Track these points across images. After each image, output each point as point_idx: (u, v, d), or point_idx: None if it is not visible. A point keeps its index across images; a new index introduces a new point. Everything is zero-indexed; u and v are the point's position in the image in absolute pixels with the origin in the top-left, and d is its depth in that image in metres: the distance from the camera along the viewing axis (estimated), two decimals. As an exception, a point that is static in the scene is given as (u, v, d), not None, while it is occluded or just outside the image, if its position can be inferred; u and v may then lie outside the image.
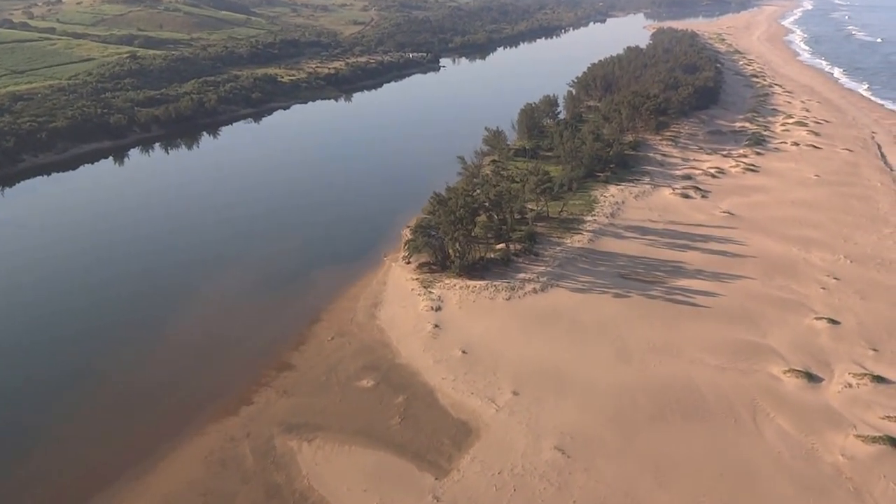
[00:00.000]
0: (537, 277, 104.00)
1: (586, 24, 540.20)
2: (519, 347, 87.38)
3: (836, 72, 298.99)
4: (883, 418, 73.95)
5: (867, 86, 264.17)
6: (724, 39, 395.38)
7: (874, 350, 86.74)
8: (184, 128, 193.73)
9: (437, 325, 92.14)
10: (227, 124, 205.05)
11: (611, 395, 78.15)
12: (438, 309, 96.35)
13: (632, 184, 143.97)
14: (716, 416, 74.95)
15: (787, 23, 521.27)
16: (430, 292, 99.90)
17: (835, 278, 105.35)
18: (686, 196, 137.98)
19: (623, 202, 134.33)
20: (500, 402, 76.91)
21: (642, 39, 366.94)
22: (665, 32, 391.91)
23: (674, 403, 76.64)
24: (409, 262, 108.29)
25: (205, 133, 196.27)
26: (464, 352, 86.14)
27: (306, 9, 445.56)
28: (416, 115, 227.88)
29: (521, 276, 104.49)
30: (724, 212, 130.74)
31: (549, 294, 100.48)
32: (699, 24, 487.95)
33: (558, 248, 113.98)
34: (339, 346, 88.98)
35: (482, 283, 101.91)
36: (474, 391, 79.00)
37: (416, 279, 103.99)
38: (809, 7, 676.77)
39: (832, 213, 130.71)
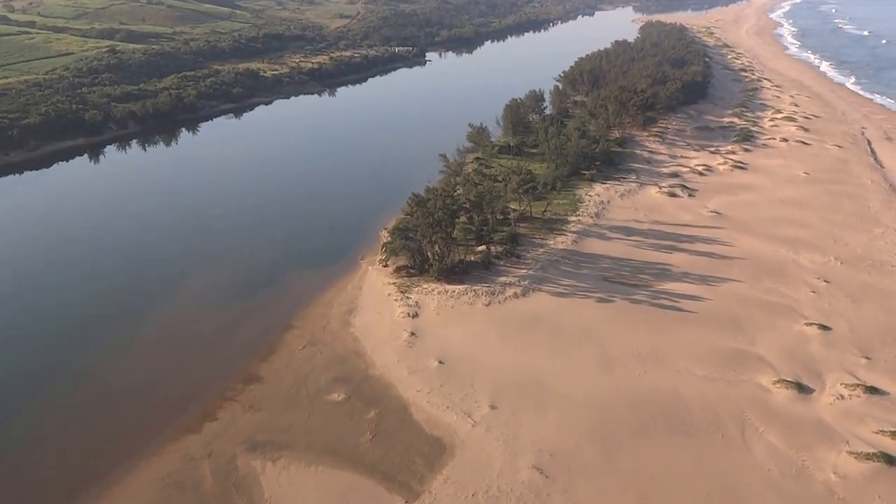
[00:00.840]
0: (518, 281, 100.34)
1: (575, 18, 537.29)
2: (498, 356, 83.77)
3: (825, 66, 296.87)
4: (877, 433, 70.77)
5: (855, 79, 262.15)
6: (712, 33, 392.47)
7: (867, 358, 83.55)
8: (162, 124, 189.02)
9: (413, 333, 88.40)
10: (206, 120, 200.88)
11: (592, 408, 74.65)
12: (415, 315, 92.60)
13: (618, 182, 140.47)
14: (702, 430, 71.55)
15: (775, 16, 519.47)
16: (408, 298, 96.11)
17: (825, 281, 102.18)
18: (673, 195, 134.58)
19: (608, 201, 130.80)
20: (476, 417, 73.29)
21: (630, 33, 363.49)
22: (653, 26, 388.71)
23: (658, 417, 73.20)
24: (386, 266, 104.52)
25: (184, 129, 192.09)
26: (440, 362, 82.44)
27: (292, 2, 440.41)
28: (401, 111, 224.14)
29: (502, 279, 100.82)
30: (711, 211, 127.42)
31: (530, 299, 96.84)
32: (688, 18, 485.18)
33: (541, 250, 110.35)
34: (311, 356, 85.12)
35: (461, 287, 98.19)
36: (450, 405, 75.35)
37: (394, 283, 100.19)
38: (798, 0, 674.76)
39: (822, 213, 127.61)
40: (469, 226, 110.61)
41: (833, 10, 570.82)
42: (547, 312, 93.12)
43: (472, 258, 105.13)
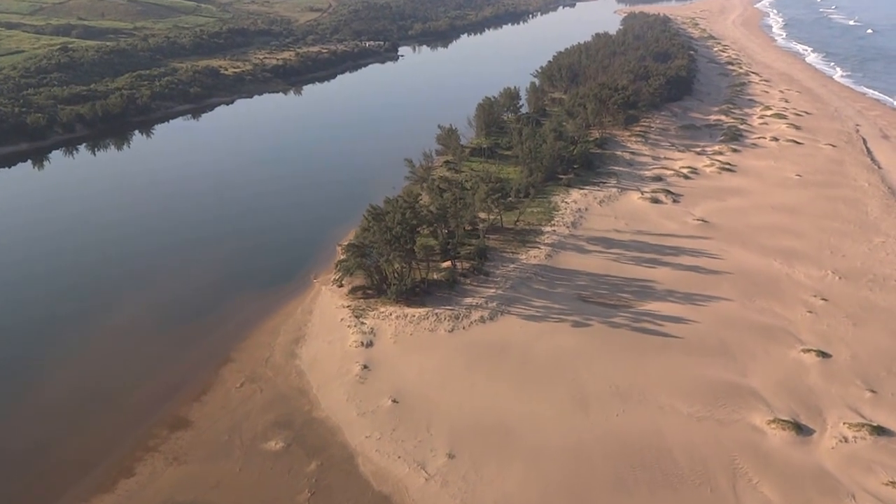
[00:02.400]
0: (486, 303, 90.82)
1: (555, 9, 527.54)
2: (459, 394, 74.35)
3: (815, 58, 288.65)
4: (887, 484, 61.89)
5: (849, 73, 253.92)
6: (697, 24, 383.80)
7: (872, 391, 74.66)
8: (113, 127, 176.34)
9: (365, 366, 78.83)
10: (162, 122, 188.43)
11: (564, 458, 65.34)
12: (370, 344, 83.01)
13: (597, 187, 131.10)
14: (688, 483, 62.42)
15: (762, 5, 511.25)
16: (362, 323, 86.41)
17: (822, 299, 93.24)
18: (656, 201, 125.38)
19: (586, 209, 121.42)
20: (431, 469, 63.87)
21: (612, 24, 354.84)
22: (636, 17, 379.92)
23: (639, 469, 63.96)
24: (341, 286, 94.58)
25: (136, 132, 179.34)
26: (394, 401, 72.93)
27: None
28: (370, 110, 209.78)
29: (468, 301, 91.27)
30: (697, 219, 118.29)
31: (498, 323, 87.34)
32: (672, 8, 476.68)
33: (512, 265, 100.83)
34: (249, 396, 75.37)
35: (422, 310, 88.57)
36: (402, 454, 65.88)
37: (348, 307, 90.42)
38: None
39: (817, 220, 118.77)
40: (431, 243, 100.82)
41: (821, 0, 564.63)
42: (516, 340, 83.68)
43: (436, 276, 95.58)
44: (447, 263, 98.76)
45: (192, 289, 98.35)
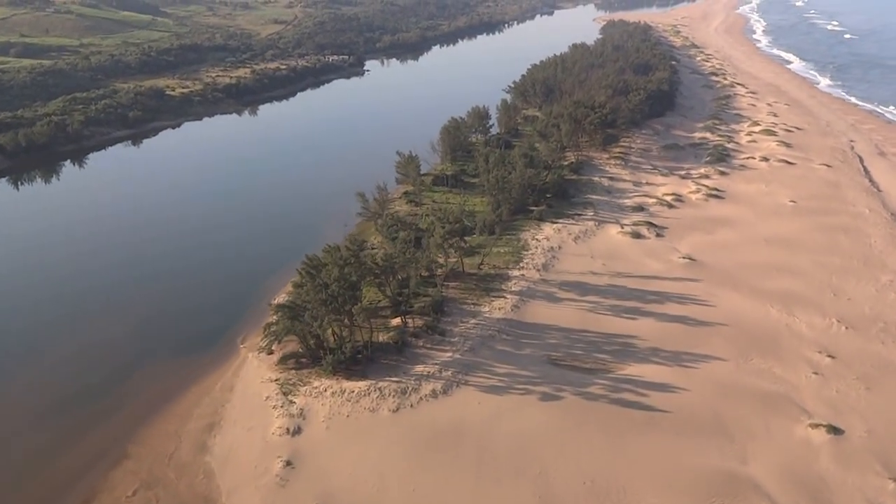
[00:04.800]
0: (439, 371, 77.58)
1: (532, 18, 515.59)
2: (402, 497, 60.85)
3: (801, 66, 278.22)
4: None
5: (839, 82, 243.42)
6: (679, 32, 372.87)
7: (894, 480, 61.70)
8: (39, 157, 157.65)
9: (289, 462, 65.42)
10: (97, 149, 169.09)
11: None
12: (297, 431, 69.59)
13: (572, 220, 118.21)
14: None
15: (745, 11, 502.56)
16: (291, 402, 72.92)
17: (829, 356, 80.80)
18: (637, 235, 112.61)
19: (559, 247, 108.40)
20: None
21: (591, 33, 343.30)
22: (616, 25, 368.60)
23: None
24: (270, 353, 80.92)
25: (68, 162, 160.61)
26: (320, 511, 59.27)
27: (224, 6, 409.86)
28: (328, 132, 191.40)
29: (419, 369, 77.96)
30: (683, 257, 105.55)
31: (452, 398, 74.14)
32: (653, 15, 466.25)
33: (472, 320, 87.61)
34: (142, 506, 61.38)
35: (363, 384, 75.17)
36: (323, 590, 52.21)
37: (276, 380, 76.86)
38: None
39: (816, 255, 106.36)
40: (375, 301, 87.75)
41: (803, 3, 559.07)
42: (473, 421, 70.51)
43: (383, 338, 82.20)
44: (397, 321, 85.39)
45: (90, 357, 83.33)
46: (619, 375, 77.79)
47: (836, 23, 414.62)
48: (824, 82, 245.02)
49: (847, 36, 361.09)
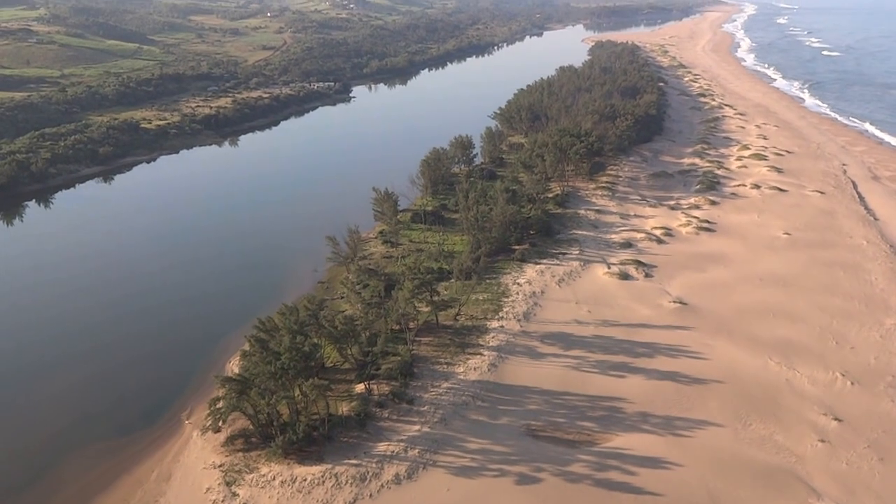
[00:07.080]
0: (405, 450, 69.71)
1: (521, 39, 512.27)
2: None
3: (788, 85, 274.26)
4: None
5: (830, 102, 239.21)
6: (666, 52, 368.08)
7: (920, 580, 53.95)
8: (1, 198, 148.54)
9: (227, 572, 56.97)
10: (65, 188, 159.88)
11: None
12: (240, 531, 61.24)
13: (556, 260, 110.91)
14: None
15: (731, 29, 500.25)
16: (234, 495, 64.91)
17: (835, 419, 73.42)
18: (625, 276, 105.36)
19: (542, 292, 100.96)
20: None
21: (580, 54, 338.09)
22: (604, 46, 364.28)
23: None
24: (217, 431, 72.85)
25: (33, 202, 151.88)
26: None
27: (214, 33, 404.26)
28: (307, 164, 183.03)
29: (382, 447, 70.10)
30: (674, 300, 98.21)
31: (417, 484, 66.20)
32: (640, 35, 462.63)
33: (445, 384, 79.92)
34: None
35: (318, 469, 67.20)
36: None
37: (220, 465, 68.76)
38: (753, 12, 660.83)
39: (814, 295, 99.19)
40: (343, 354, 79.95)
41: (789, 22, 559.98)
42: (440, 511, 62.30)
43: (344, 409, 74.34)
44: (360, 387, 77.55)
45: (7, 440, 74.15)
46: (604, 448, 70.09)
47: (815, 39, 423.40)
48: (810, 101, 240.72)
49: (826, 53, 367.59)
